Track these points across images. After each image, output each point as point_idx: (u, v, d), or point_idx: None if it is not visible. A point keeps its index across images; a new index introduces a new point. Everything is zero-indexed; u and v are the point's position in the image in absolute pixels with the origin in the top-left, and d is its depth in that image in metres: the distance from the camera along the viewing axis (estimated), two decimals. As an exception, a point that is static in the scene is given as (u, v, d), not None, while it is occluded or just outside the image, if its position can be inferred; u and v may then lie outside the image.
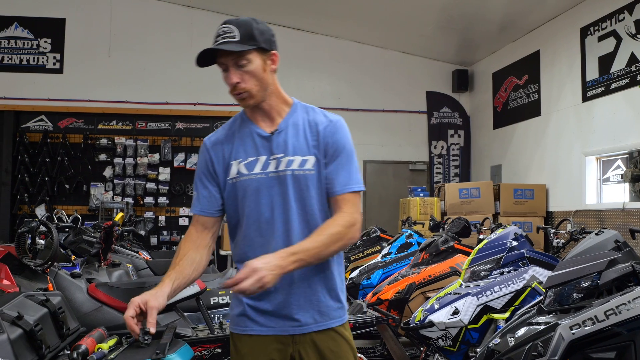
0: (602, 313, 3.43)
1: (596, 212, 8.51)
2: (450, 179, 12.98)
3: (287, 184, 2.48)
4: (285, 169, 2.49)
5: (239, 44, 2.41)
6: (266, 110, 2.57)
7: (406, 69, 12.90)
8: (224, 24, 2.46)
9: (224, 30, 2.44)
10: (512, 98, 11.22)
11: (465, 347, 4.98)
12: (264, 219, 2.48)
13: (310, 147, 2.53)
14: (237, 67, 2.45)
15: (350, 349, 2.59)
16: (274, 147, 2.52)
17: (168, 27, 12.14)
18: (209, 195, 2.60)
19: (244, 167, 2.52)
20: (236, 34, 2.42)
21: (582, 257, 3.84)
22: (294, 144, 2.52)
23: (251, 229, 2.52)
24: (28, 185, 11.61)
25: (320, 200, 2.53)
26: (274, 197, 2.49)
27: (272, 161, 2.51)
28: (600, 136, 8.54)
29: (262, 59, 2.49)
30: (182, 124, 12.16)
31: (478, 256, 5.42)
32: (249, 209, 2.51)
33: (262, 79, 2.50)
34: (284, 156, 2.50)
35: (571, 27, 9.26)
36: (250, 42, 2.44)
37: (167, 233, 12.04)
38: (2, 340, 2.12)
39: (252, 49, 2.45)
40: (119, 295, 4.52)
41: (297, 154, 2.51)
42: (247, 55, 2.44)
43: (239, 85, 2.46)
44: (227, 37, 2.42)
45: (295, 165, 2.50)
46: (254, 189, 2.50)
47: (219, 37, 2.44)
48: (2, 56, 11.90)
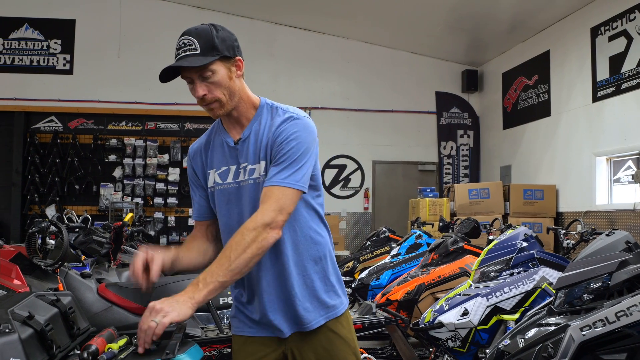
0: (612, 314, 3.41)
1: (607, 212, 8.48)
2: (460, 180, 12.96)
3: (248, 193, 2.49)
4: (247, 178, 2.50)
5: (200, 57, 2.36)
6: (235, 117, 2.54)
7: (415, 69, 12.89)
8: (183, 36, 2.41)
9: (184, 43, 2.39)
10: (522, 98, 11.19)
11: (474, 348, 4.96)
12: (233, 229, 2.41)
13: (266, 151, 2.48)
14: (202, 80, 2.41)
15: (347, 346, 2.58)
16: (240, 156, 2.52)
17: (177, 28, 11.95)
18: (199, 202, 2.67)
19: (218, 176, 2.56)
20: (196, 46, 2.37)
21: (593, 258, 3.82)
22: (255, 151, 2.50)
23: (225, 235, 2.57)
24: (38, 185, 11.66)
25: None
26: (241, 206, 2.51)
27: (241, 170, 2.52)
28: (611, 136, 8.51)
29: (226, 67, 2.44)
30: (192, 124, 12.19)
31: (488, 257, 5.40)
32: (224, 217, 2.56)
33: (228, 88, 2.45)
34: (247, 165, 2.50)
35: (581, 27, 9.22)
36: (212, 53, 2.38)
37: (176, 233, 12.06)
38: (13, 340, 2.13)
39: (215, 60, 2.39)
40: (129, 296, 4.53)
41: (257, 161, 2.49)
42: (210, 67, 2.38)
43: (206, 97, 2.42)
44: (188, 49, 2.37)
45: (256, 173, 2.49)
46: (226, 199, 2.54)
47: (179, 50, 2.39)
48: (12, 57, 11.96)
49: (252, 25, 12.15)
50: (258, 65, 12.01)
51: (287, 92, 12.12)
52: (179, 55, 2.38)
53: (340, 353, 2.54)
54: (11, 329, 2.17)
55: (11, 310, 2.28)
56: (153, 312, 2.13)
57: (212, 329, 4.55)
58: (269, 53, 12.27)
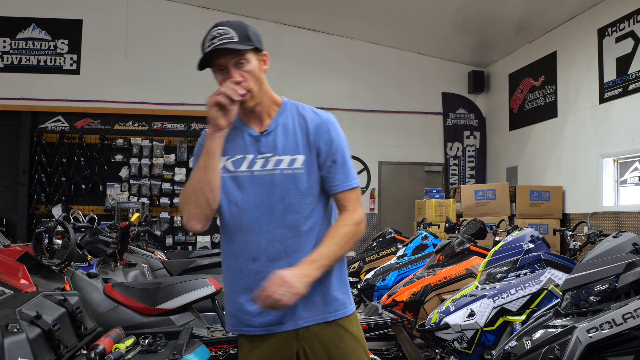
0: (619, 316, 3.41)
1: (613, 214, 8.46)
2: (466, 181, 12.94)
3: (274, 183, 2.49)
4: (273, 167, 2.50)
5: (239, 44, 2.42)
6: (257, 111, 2.57)
7: (422, 70, 12.87)
8: (218, 27, 2.45)
9: (219, 32, 2.43)
10: (528, 99, 11.17)
11: (480, 350, 4.95)
12: (245, 217, 2.48)
13: (299, 146, 2.53)
14: (237, 67, 2.45)
15: (358, 344, 2.58)
16: (262, 147, 2.53)
17: (184, 28, 12.18)
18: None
19: (230, 164, 2.53)
20: (233, 35, 2.42)
21: (600, 260, 3.81)
22: (284, 144, 2.53)
23: (232, 225, 2.52)
24: (45, 185, 11.69)
25: (307, 200, 2.52)
26: (257, 195, 2.49)
27: (259, 160, 2.52)
28: (618, 138, 8.48)
29: (257, 59, 2.52)
30: (198, 124, 12.20)
31: (494, 258, 5.40)
32: (233, 205, 2.51)
33: (259, 79, 2.51)
34: (272, 155, 2.51)
35: (588, 28, 9.20)
36: (248, 42, 2.45)
37: (182, 233, 12.08)
38: (21, 340, 2.14)
39: (250, 49, 2.46)
40: (135, 295, 4.54)
41: (286, 153, 2.52)
42: (246, 55, 2.45)
43: (241, 84, 2.45)
44: (225, 38, 2.41)
45: (284, 164, 2.51)
46: (238, 187, 2.52)
47: (214, 39, 2.42)
48: (19, 57, 12.00)
49: (259, 26, 12.00)
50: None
51: (293, 92, 12.08)
52: (215, 44, 2.41)
53: (351, 351, 2.54)
54: (19, 328, 2.17)
55: (19, 310, 2.29)
56: (284, 284, 2.25)
57: (218, 329, 4.55)
58: (275, 53, 12.25)
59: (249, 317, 2.51)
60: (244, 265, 2.50)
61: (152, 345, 2.15)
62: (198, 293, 4.56)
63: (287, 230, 2.49)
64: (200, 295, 4.55)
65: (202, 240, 12.01)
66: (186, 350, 2.10)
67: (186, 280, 4.67)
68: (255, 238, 2.49)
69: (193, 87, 11.99)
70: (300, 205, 2.51)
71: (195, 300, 4.54)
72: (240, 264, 2.51)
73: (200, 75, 12.06)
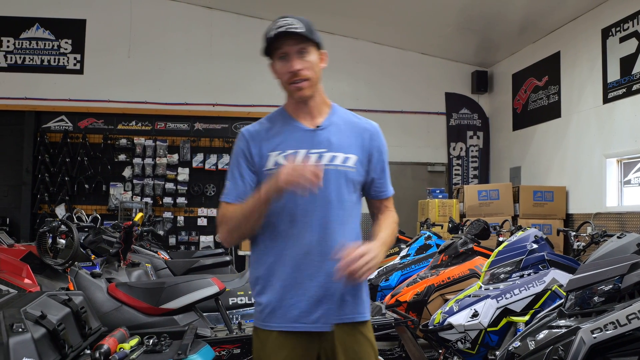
0: (624, 317, 3.40)
1: (617, 214, 8.45)
2: (469, 181, 12.93)
3: (328, 178, 2.50)
4: (328, 163, 2.53)
5: (305, 33, 2.50)
6: (311, 106, 2.62)
7: (425, 70, 12.85)
8: (284, 18, 2.54)
9: (286, 22, 2.51)
10: (532, 99, 11.16)
11: (484, 350, 4.96)
12: (299, 211, 2.51)
13: (354, 146, 2.60)
14: (300, 55, 2.51)
15: (373, 351, 2.60)
16: (316, 142, 2.56)
17: (188, 28, 12.19)
18: (244, 184, 2.59)
19: (282, 158, 2.54)
20: (300, 25, 2.50)
21: (604, 261, 3.81)
22: (338, 141, 2.58)
23: (285, 220, 2.53)
24: (48, 184, 11.69)
25: (353, 198, 2.60)
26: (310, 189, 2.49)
27: (312, 155, 2.54)
28: (622, 138, 8.47)
29: (318, 55, 2.58)
30: (201, 124, 12.19)
31: (498, 258, 5.40)
32: (284, 200, 2.49)
33: (317, 72, 2.58)
34: (326, 151, 2.55)
35: (592, 28, 9.19)
36: (312, 35, 2.53)
37: (185, 233, 12.08)
38: (26, 339, 2.14)
39: (313, 42, 2.54)
40: (139, 295, 4.55)
41: (340, 151, 2.57)
42: (309, 47, 2.52)
43: (301, 71, 2.51)
44: (292, 27, 2.49)
45: (339, 161, 2.55)
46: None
47: (280, 27, 2.49)
48: (23, 57, 12.01)
49: (262, 26, 12.03)
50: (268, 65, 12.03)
51: (296, 92, 12.11)
52: (282, 29, 2.48)
53: (366, 357, 2.56)
54: (24, 328, 2.18)
55: (24, 310, 2.29)
56: (369, 263, 2.31)
57: (222, 329, 4.56)
58: (278, 53, 12.26)
59: (296, 312, 2.50)
60: (293, 260, 2.51)
61: (157, 345, 2.15)
62: (201, 293, 4.57)
63: (338, 226, 2.53)
64: (203, 295, 4.56)
65: (205, 240, 12.01)
66: (191, 350, 2.10)
67: (190, 280, 4.68)
68: (308, 233, 2.51)
69: (196, 87, 12.01)
70: (349, 203, 2.58)
71: (198, 300, 4.55)
72: (289, 258, 2.52)
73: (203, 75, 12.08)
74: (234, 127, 12.13)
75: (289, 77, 2.54)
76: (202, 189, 12.11)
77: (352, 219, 2.59)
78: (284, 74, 2.55)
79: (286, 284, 2.52)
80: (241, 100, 11.98)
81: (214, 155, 12.10)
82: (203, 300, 4.58)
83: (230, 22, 12.20)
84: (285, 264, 2.51)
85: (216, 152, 12.13)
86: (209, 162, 12.09)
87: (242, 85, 12.03)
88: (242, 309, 5.45)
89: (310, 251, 2.50)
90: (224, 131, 12.13)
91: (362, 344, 2.56)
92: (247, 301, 5.46)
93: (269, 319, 2.54)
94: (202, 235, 12.06)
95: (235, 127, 12.13)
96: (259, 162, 2.58)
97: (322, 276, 2.49)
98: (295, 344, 2.50)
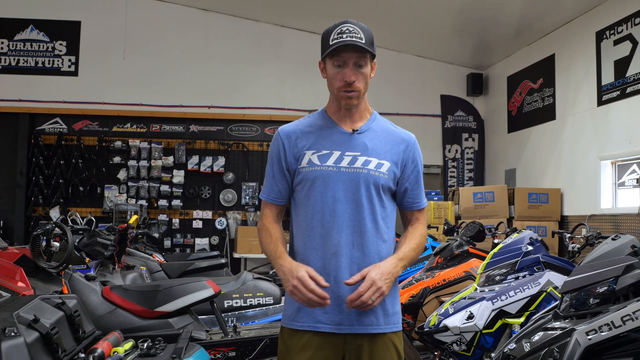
0: (618, 319, 3.41)
1: (611, 216, 8.46)
2: (465, 183, 12.94)
3: (359, 181, 2.55)
4: (361, 166, 2.56)
5: (366, 45, 2.50)
6: (353, 112, 2.64)
7: (421, 72, 12.87)
8: (348, 23, 2.56)
9: (349, 29, 2.53)
10: (526, 102, 11.18)
11: (479, 352, 4.95)
12: (328, 210, 2.54)
13: (389, 153, 2.63)
14: (356, 67, 2.53)
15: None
16: (352, 145, 2.60)
17: (183, 30, 12.19)
18: (280, 184, 2.67)
19: (316, 158, 2.58)
20: (362, 36, 2.51)
21: (599, 262, 3.81)
22: (374, 147, 2.61)
23: (315, 218, 2.56)
24: (42, 187, 11.67)
25: (383, 204, 2.61)
26: (342, 190, 2.55)
27: (346, 157, 2.57)
28: (616, 140, 8.49)
29: (371, 66, 2.59)
30: (196, 126, 12.18)
31: (493, 260, 5.40)
32: (314, 199, 2.56)
33: (367, 84, 2.59)
34: (361, 155, 2.58)
35: (587, 31, 9.21)
36: (371, 47, 2.53)
37: (180, 236, 12.06)
38: (18, 344, 2.13)
39: (370, 54, 2.54)
40: (134, 298, 4.53)
41: (374, 156, 2.59)
42: (366, 58, 2.53)
43: (354, 84, 2.53)
44: (355, 36, 2.50)
45: (372, 165, 2.58)
46: (323, 180, 2.56)
47: (343, 34, 2.51)
48: (17, 59, 11.99)
49: (259, 28, 12.16)
50: (264, 67, 12.02)
51: (293, 94, 12.13)
52: (343, 38, 2.50)
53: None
54: (17, 332, 2.17)
55: (17, 314, 2.28)
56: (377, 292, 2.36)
57: (217, 332, 4.55)
58: (275, 55, 12.28)
59: (321, 312, 2.52)
60: (322, 260, 2.53)
61: (151, 349, 2.14)
62: (196, 296, 4.56)
63: (368, 229, 2.55)
64: (198, 298, 4.55)
65: (200, 243, 11.99)
66: (185, 354, 2.09)
67: (185, 282, 4.66)
68: (336, 233, 2.53)
69: (191, 89, 12.00)
70: (380, 207, 2.59)
71: (193, 303, 4.54)
72: (317, 258, 2.54)
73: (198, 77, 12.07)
74: (229, 129, 12.13)
75: (341, 86, 2.56)
76: (197, 192, 12.10)
77: (383, 223, 2.61)
78: (337, 81, 2.57)
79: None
80: (237, 103, 11.98)
81: (209, 157, 12.10)
82: (198, 303, 4.57)
83: (226, 25, 12.20)
84: (313, 263, 2.53)
85: (211, 155, 12.13)
86: (204, 165, 12.08)
87: (237, 87, 12.03)
88: (238, 312, 5.43)
89: (338, 252, 2.52)
90: (220, 133, 12.13)
91: (389, 350, 2.56)
92: (242, 304, 5.45)
93: (295, 317, 2.56)
94: (197, 238, 12.04)
95: (231, 129, 12.13)
96: (294, 160, 2.64)
97: (349, 278, 2.49)
98: (321, 345, 2.51)
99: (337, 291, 2.50)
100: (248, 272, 5.84)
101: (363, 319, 2.51)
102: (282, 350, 2.60)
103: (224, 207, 12.15)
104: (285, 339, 2.59)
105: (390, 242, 2.64)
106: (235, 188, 12.21)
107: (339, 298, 2.49)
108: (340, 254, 2.52)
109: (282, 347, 2.60)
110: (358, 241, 2.53)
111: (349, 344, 2.52)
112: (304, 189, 2.60)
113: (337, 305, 2.50)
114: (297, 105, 11.91)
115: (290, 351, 2.54)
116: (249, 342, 4.29)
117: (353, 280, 2.39)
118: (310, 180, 2.57)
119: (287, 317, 2.60)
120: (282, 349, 2.60)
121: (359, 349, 2.52)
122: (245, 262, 11.33)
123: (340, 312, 2.50)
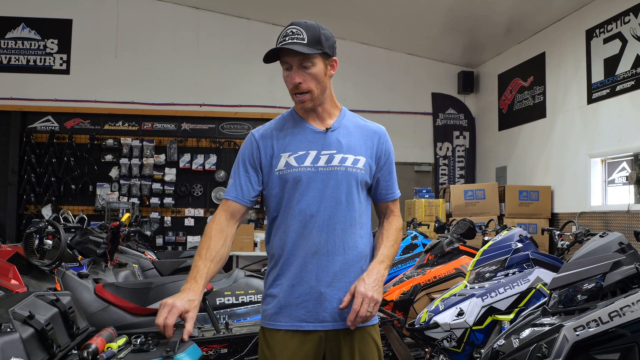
0: (606, 315, 3.44)
1: (601, 214, 8.52)
2: (456, 181, 12.98)
3: (338, 179, 2.57)
4: (338, 164, 2.58)
5: (307, 47, 2.49)
6: (319, 111, 2.67)
7: (412, 70, 12.90)
8: (292, 25, 2.55)
9: (292, 31, 2.52)
10: (517, 100, 11.23)
11: (470, 348, 4.98)
12: (308, 211, 2.55)
13: (363, 148, 2.65)
14: (301, 69, 2.54)
15: (378, 352, 2.64)
16: (327, 144, 2.61)
17: (175, 29, 12.18)
18: (247, 184, 2.64)
19: (293, 159, 2.59)
20: (304, 36, 2.51)
21: (587, 259, 3.84)
22: (348, 143, 2.63)
23: (295, 220, 2.57)
24: (34, 185, 11.66)
25: (360, 200, 2.65)
26: (321, 190, 2.56)
27: (322, 156, 2.59)
28: (606, 138, 8.54)
29: (324, 64, 2.59)
30: (188, 124, 12.18)
31: (483, 258, 5.43)
32: (294, 200, 2.57)
33: (322, 83, 2.59)
34: (336, 153, 2.60)
35: (577, 29, 9.26)
36: (317, 47, 2.53)
37: (172, 234, 12.06)
38: (14, 339, 2.16)
39: (318, 53, 2.54)
40: (126, 296, 4.55)
41: (350, 153, 2.61)
42: (312, 59, 2.53)
43: (301, 85, 2.55)
44: (296, 38, 2.50)
45: (349, 162, 2.60)
46: (302, 182, 2.57)
47: (286, 37, 2.51)
48: (9, 57, 11.97)
49: (249, 26, 12.16)
50: (255, 66, 12.02)
51: (283, 93, 12.02)
52: (286, 41, 2.50)
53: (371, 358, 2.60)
54: (12, 328, 2.19)
55: (12, 310, 2.30)
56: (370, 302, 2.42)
57: (209, 329, 4.56)
58: (265, 54, 12.26)
59: (303, 311, 2.54)
60: (302, 259, 2.55)
61: (144, 345, 2.16)
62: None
63: (347, 227, 2.58)
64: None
65: (192, 241, 12.00)
66: (178, 349, 2.11)
67: (177, 280, 4.69)
68: (317, 233, 2.54)
69: (183, 87, 12.00)
70: (358, 204, 2.63)
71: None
72: (298, 257, 2.56)
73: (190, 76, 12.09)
74: (220, 127, 12.13)
75: (291, 88, 2.60)
76: (189, 189, 12.11)
77: (361, 220, 2.65)
78: (288, 84, 2.61)
79: (294, 283, 2.56)
80: (228, 101, 11.98)
81: (201, 155, 12.10)
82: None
83: (218, 23, 12.20)
84: (293, 263, 2.56)
85: (203, 153, 12.13)
86: (196, 163, 12.08)
87: (229, 85, 12.04)
88: (230, 309, 5.45)
89: (319, 251, 2.54)
90: (211, 131, 12.13)
91: (368, 344, 2.60)
92: (234, 301, 5.47)
93: (275, 317, 2.58)
94: (189, 236, 12.05)
95: (222, 127, 12.14)
96: (268, 164, 2.64)
97: (329, 276, 2.53)
98: (301, 343, 2.53)
99: (319, 289, 2.53)
100: (240, 270, 5.85)
101: (343, 315, 2.53)
102: (263, 349, 2.61)
103: (216, 204, 12.13)
104: (266, 339, 2.59)
105: (367, 236, 2.70)
106: (226, 186, 12.20)
107: (320, 296, 2.53)
108: (322, 252, 2.54)
109: (263, 346, 2.61)
110: (339, 239, 2.56)
111: (330, 340, 2.55)
112: (282, 192, 2.60)
113: (318, 304, 2.53)
114: (288, 104, 11.66)
115: (272, 350, 2.55)
116: (241, 339, 4.32)
117: (345, 303, 2.45)
118: (289, 182, 2.58)
119: (267, 317, 2.61)
120: (264, 348, 2.60)
121: (339, 344, 2.55)
122: (237, 259, 11.34)
123: (322, 310, 2.53)
